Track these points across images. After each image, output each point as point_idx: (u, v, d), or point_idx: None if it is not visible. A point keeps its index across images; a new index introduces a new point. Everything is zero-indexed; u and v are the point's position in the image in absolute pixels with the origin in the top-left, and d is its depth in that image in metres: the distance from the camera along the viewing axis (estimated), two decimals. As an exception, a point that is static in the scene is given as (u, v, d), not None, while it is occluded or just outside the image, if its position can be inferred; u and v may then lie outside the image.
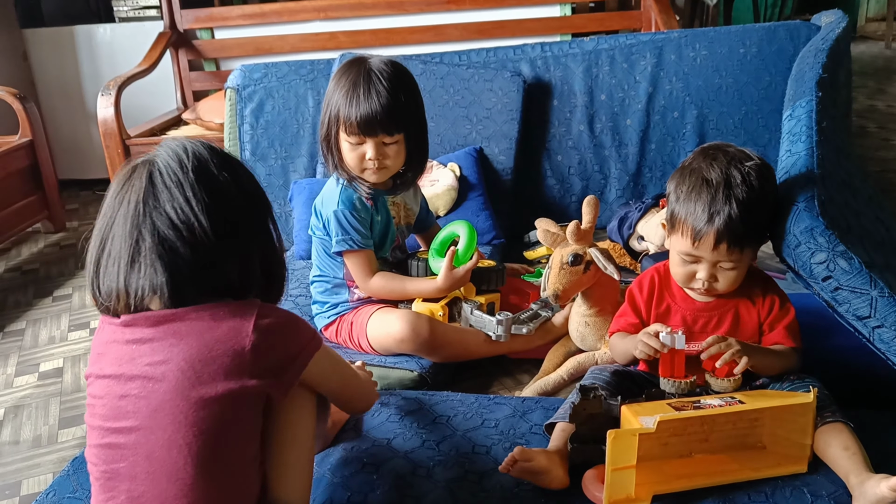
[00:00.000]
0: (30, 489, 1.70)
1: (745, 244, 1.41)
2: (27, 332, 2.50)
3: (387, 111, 1.79)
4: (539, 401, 1.64)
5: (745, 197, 1.38)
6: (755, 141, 2.76)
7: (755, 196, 1.39)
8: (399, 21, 3.69)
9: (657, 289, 1.55)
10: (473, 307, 1.90)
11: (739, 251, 1.41)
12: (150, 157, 1.09)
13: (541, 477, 1.31)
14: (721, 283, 1.46)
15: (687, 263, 1.46)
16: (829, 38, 2.23)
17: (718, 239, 1.39)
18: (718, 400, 1.33)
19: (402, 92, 1.84)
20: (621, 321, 1.60)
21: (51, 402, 2.05)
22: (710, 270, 1.44)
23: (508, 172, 2.74)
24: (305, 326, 1.15)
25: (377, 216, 1.93)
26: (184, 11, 3.75)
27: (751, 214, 1.39)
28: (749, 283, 1.51)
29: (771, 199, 1.44)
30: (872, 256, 1.39)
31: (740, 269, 1.45)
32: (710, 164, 1.43)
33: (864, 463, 1.24)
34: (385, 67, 1.83)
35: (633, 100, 2.80)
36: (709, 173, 1.41)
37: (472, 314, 1.90)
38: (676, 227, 1.46)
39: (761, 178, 1.41)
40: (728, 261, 1.43)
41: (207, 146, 1.12)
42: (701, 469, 1.32)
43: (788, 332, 1.49)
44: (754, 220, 1.40)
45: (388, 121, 1.81)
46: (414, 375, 1.82)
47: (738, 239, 1.39)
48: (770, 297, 1.51)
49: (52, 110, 4.05)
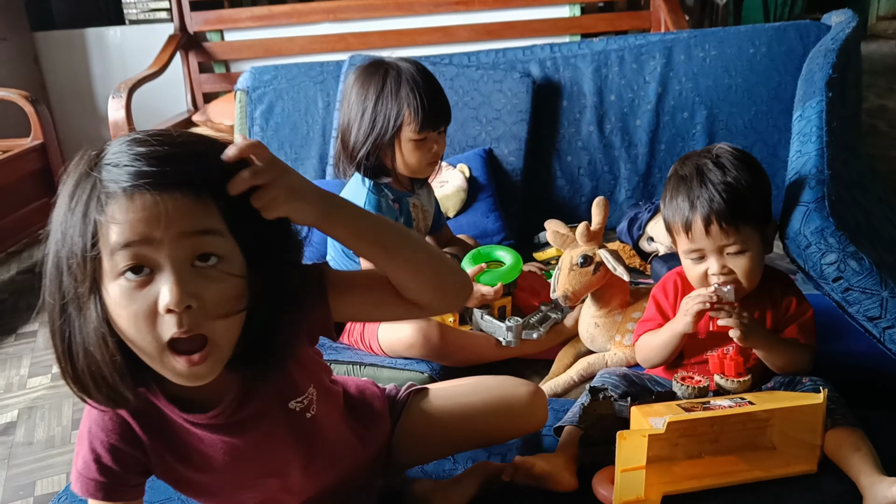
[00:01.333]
0: (44, 489, 1.71)
1: (738, 221, 1.40)
2: (39, 334, 2.51)
3: (444, 102, 1.89)
4: (549, 402, 1.63)
5: (721, 177, 1.41)
6: (765, 141, 2.75)
7: (731, 174, 1.42)
8: (408, 22, 3.69)
9: (681, 293, 1.54)
10: (484, 312, 1.90)
11: (735, 229, 1.40)
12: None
13: (546, 481, 1.31)
14: (738, 272, 1.43)
15: (696, 263, 1.45)
16: (839, 37, 2.22)
17: (706, 221, 1.40)
18: (728, 401, 1.33)
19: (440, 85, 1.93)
20: (649, 324, 1.57)
21: (64, 402, 2.06)
22: (719, 261, 1.43)
23: (518, 173, 2.75)
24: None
25: (401, 218, 1.94)
26: (194, 14, 3.76)
27: (732, 191, 1.40)
28: (770, 284, 1.50)
29: (754, 173, 1.45)
30: (883, 257, 1.39)
31: (751, 255, 1.42)
32: (682, 163, 1.51)
33: (875, 465, 1.23)
34: (414, 62, 1.89)
35: (643, 100, 2.79)
36: (682, 170, 1.48)
37: (483, 319, 1.90)
38: (671, 230, 1.49)
39: (734, 158, 1.45)
40: (729, 244, 1.41)
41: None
42: (710, 470, 1.32)
43: (801, 329, 1.48)
44: (737, 196, 1.40)
45: (447, 110, 1.90)
46: (424, 377, 1.82)
47: (727, 217, 1.39)
48: (788, 297, 1.51)
49: (63, 113, 4.08)
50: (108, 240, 0.81)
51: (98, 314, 0.84)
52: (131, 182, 0.81)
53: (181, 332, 0.83)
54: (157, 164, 0.82)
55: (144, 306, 0.83)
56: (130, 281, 0.82)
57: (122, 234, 0.81)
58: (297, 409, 1.06)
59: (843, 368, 1.57)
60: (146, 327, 0.83)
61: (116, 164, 0.82)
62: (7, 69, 3.88)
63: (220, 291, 0.85)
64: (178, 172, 0.82)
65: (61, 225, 0.85)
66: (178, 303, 0.81)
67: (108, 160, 0.83)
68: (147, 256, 0.82)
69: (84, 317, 0.85)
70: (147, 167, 0.81)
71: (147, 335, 0.83)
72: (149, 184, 0.81)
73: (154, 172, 0.81)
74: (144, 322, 0.83)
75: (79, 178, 0.84)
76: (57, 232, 0.85)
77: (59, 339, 0.89)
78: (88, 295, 0.84)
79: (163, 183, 0.81)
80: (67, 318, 0.87)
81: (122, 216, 0.80)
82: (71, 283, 0.84)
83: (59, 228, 0.85)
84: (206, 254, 0.84)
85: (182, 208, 0.82)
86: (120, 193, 0.81)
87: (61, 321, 0.87)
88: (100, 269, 0.83)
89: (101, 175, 0.82)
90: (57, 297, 0.87)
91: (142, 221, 0.80)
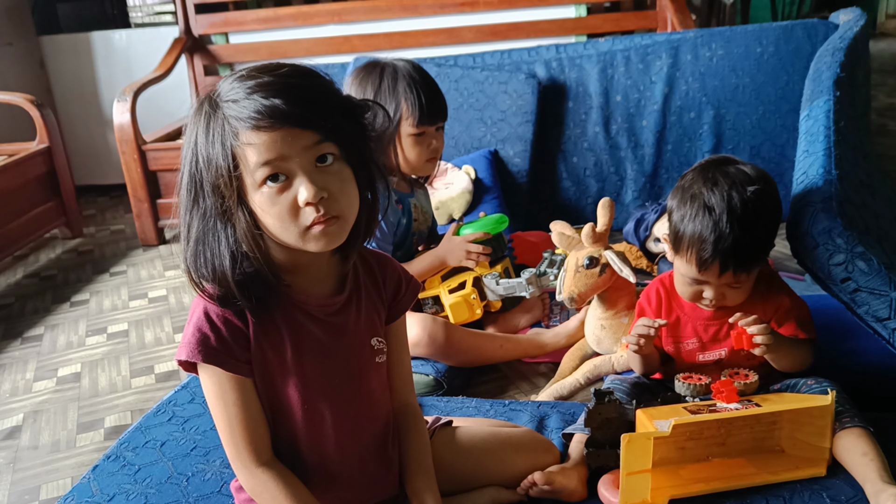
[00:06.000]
0: (49, 494, 1.71)
1: (752, 267, 1.39)
2: (45, 338, 2.51)
3: (441, 99, 1.92)
4: (555, 405, 1.63)
5: (749, 223, 1.34)
6: (773, 140, 2.74)
7: (758, 220, 1.36)
8: (413, 24, 3.68)
9: (664, 301, 1.54)
10: (495, 278, 1.94)
11: (746, 275, 1.39)
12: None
13: (561, 494, 1.31)
14: (729, 300, 1.44)
15: (694, 285, 1.44)
16: (847, 36, 2.21)
17: (724, 267, 1.37)
18: (735, 403, 1.32)
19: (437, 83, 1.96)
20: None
21: (69, 406, 2.06)
22: (718, 291, 1.42)
23: (524, 175, 2.74)
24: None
25: (403, 219, 1.94)
26: (199, 16, 3.77)
27: (755, 240, 1.36)
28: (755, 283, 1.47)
29: (775, 217, 1.41)
30: (892, 257, 1.37)
31: (748, 286, 1.43)
32: (711, 189, 1.37)
33: (883, 470, 1.22)
34: (410, 62, 1.92)
35: (649, 100, 2.78)
36: (710, 199, 1.37)
37: (498, 284, 1.94)
38: (680, 251, 1.42)
39: (764, 198, 1.37)
40: (735, 283, 1.41)
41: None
42: (718, 473, 1.31)
43: (801, 324, 1.45)
44: (759, 245, 1.38)
45: (444, 106, 1.93)
46: (430, 379, 1.82)
47: (744, 264, 1.37)
48: (777, 294, 1.48)
49: (69, 116, 4.09)
50: (248, 161, 1.01)
51: (248, 220, 1.04)
52: (256, 118, 1.00)
53: (320, 216, 1.03)
54: (283, 100, 1.01)
55: (287, 205, 1.03)
56: (272, 188, 1.02)
57: (258, 155, 1.01)
58: (375, 346, 1.22)
59: (852, 370, 1.55)
60: (290, 220, 1.03)
61: (236, 99, 1.02)
62: (13, 73, 3.89)
63: (340, 181, 1.06)
64: (292, 112, 1.01)
65: (203, 156, 1.04)
66: (315, 196, 1.02)
67: (228, 97, 1.03)
68: (281, 166, 1.02)
69: (233, 226, 1.05)
70: (269, 104, 1.00)
71: (291, 225, 1.04)
72: (272, 119, 1.00)
73: (275, 110, 1.00)
74: (289, 216, 1.03)
75: (207, 118, 1.04)
76: (199, 162, 1.04)
77: (203, 258, 1.07)
78: (237, 206, 1.04)
79: (282, 118, 1.01)
80: (212, 231, 1.06)
81: (257, 140, 1.00)
82: (217, 200, 1.04)
83: (200, 159, 1.04)
84: (322, 155, 1.04)
85: (299, 132, 1.02)
86: (250, 125, 1.00)
87: (205, 239, 1.06)
88: (243, 185, 1.03)
89: (227, 112, 1.02)
90: (199, 219, 1.06)
91: (274, 143, 1.01)
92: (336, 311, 1.17)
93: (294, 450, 1.17)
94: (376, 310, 1.23)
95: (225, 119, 1.02)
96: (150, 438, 1.59)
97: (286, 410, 1.15)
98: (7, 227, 2.99)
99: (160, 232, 3.35)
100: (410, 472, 1.23)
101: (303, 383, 1.14)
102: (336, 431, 1.18)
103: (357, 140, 1.10)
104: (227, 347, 1.09)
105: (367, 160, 1.12)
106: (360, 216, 1.12)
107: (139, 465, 1.50)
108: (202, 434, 1.58)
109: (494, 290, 1.94)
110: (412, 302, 1.29)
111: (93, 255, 3.29)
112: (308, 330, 1.14)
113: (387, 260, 1.27)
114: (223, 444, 1.13)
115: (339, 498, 1.20)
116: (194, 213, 1.06)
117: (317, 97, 1.05)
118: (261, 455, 1.12)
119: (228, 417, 1.11)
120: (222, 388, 1.11)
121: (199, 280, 1.09)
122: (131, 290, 2.86)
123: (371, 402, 1.22)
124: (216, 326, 1.09)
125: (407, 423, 1.27)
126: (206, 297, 1.09)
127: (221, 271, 1.06)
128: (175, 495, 1.39)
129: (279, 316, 1.13)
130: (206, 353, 1.08)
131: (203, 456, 1.50)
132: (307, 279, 1.15)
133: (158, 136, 3.40)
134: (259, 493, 1.13)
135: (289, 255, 1.11)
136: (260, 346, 1.11)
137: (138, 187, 3.22)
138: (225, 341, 1.09)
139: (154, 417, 1.67)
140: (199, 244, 1.07)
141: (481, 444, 1.36)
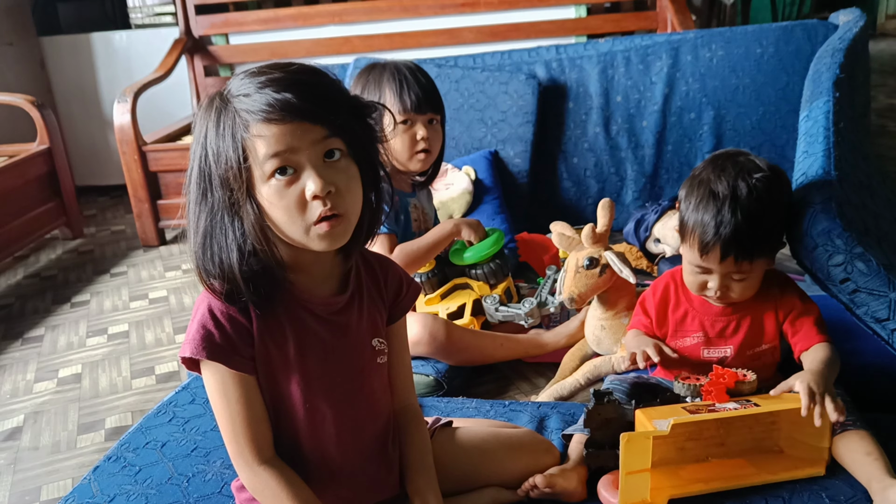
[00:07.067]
0: (49, 494, 1.71)
1: (755, 256, 1.38)
2: (46, 339, 2.51)
3: (429, 90, 1.91)
4: (555, 406, 1.63)
5: (752, 209, 1.35)
6: (773, 141, 2.74)
7: (763, 208, 1.36)
8: (413, 24, 3.69)
9: (672, 295, 1.54)
10: (495, 304, 1.94)
11: (748, 263, 1.39)
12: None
13: (562, 496, 1.31)
14: (734, 292, 1.44)
15: (698, 273, 1.44)
16: (847, 37, 2.21)
17: (725, 252, 1.37)
18: (734, 403, 1.32)
19: (431, 79, 1.95)
20: (635, 321, 1.59)
21: (69, 407, 2.06)
22: (722, 281, 1.42)
23: (524, 175, 2.74)
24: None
25: (401, 216, 1.94)
26: (199, 17, 3.77)
27: (758, 227, 1.36)
28: (767, 285, 1.48)
29: (782, 209, 1.41)
30: (891, 258, 1.38)
31: (753, 279, 1.43)
32: (719, 175, 1.39)
33: (887, 468, 1.22)
34: (407, 63, 1.93)
35: (649, 101, 2.79)
36: (716, 185, 1.38)
37: (498, 311, 1.94)
38: (685, 237, 1.44)
39: (770, 189, 1.38)
40: (738, 272, 1.40)
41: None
42: (717, 473, 1.32)
43: (819, 328, 1.44)
44: (762, 233, 1.37)
45: (433, 98, 1.92)
46: (430, 380, 1.82)
47: (746, 252, 1.37)
48: (789, 297, 1.48)
49: (70, 117, 4.09)
50: (257, 153, 1.02)
51: (255, 212, 1.05)
52: (267, 111, 1.02)
53: (326, 210, 1.04)
54: (294, 95, 1.03)
55: (294, 198, 1.04)
56: (280, 181, 1.04)
57: (268, 147, 1.02)
58: (376, 346, 1.22)
59: (852, 370, 1.55)
60: (297, 213, 1.05)
61: (247, 93, 1.04)
62: (14, 74, 3.89)
63: (347, 177, 1.07)
64: (303, 106, 1.03)
65: (213, 149, 1.05)
66: (322, 189, 1.03)
67: (238, 92, 1.05)
68: (290, 159, 1.03)
69: (241, 219, 1.06)
70: (281, 97, 1.02)
71: (298, 219, 1.05)
72: (283, 112, 1.02)
73: (286, 104, 1.02)
74: (296, 209, 1.04)
75: (218, 112, 1.06)
76: (208, 156, 1.06)
77: (210, 251, 1.08)
78: (245, 199, 1.05)
79: (293, 112, 1.02)
80: (220, 225, 1.06)
81: (267, 133, 1.02)
82: (226, 193, 1.05)
83: (210, 153, 1.05)
84: (330, 151, 1.06)
85: (308, 126, 1.04)
86: (261, 118, 1.02)
87: (213, 233, 1.07)
88: (251, 177, 1.04)
89: (238, 105, 1.04)
90: (207, 213, 1.07)
91: (284, 136, 1.02)
92: (338, 311, 1.18)
93: (295, 448, 1.17)
94: (378, 310, 1.23)
95: (236, 112, 1.04)
96: (150, 439, 1.59)
97: (288, 408, 1.15)
98: (7, 228, 2.99)
99: (161, 232, 3.35)
100: (412, 472, 1.24)
101: (305, 381, 1.14)
102: (337, 430, 1.18)
103: (363, 139, 1.11)
104: (231, 344, 1.09)
105: (373, 160, 1.14)
106: (363, 216, 1.13)
107: (140, 465, 1.50)
108: (203, 435, 1.58)
109: (494, 315, 1.96)
110: (413, 303, 1.29)
111: (93, 255, 3.29)
112: (311, 328, 1.15)
113: (388, 262, 1.28)
114: (225, 442, 1.13)
115: (340, 497, 1.20)
116: (202, 207, 1.07)
117: (326, 93, 1.07)
118: (263, 453, 1.12)
119: (231, 415, 1.11)
120: (225, 386, 1.11)
121: (206, 277, 1.10)
122: (132, 290, 2.86)
123: (372, 402, 1.22)
124: (220, 323, 1.09)
125: (407, 423, 1.28)
126: (212, 292, 1.10)
127: (228, 265, 1.07)
128: (176, 496, 1.39)
129: (283, 313, 1.13)
130: (210, 349, 1.08)
131: (204, 457, 1.51)
132: (310, 278, 1.16)
133: (159, 137, 3.40)
134: (261, 491, 1.13)
135: (293, 254, 1.11)
136: (263, 343, 1.12)
137: (139, 188, 3.22)
138: (229, 338, 1.09)
139: (155, 418, 1.67)
140: (207, 238, 1.07)
141: (481, 444, 1.36)
